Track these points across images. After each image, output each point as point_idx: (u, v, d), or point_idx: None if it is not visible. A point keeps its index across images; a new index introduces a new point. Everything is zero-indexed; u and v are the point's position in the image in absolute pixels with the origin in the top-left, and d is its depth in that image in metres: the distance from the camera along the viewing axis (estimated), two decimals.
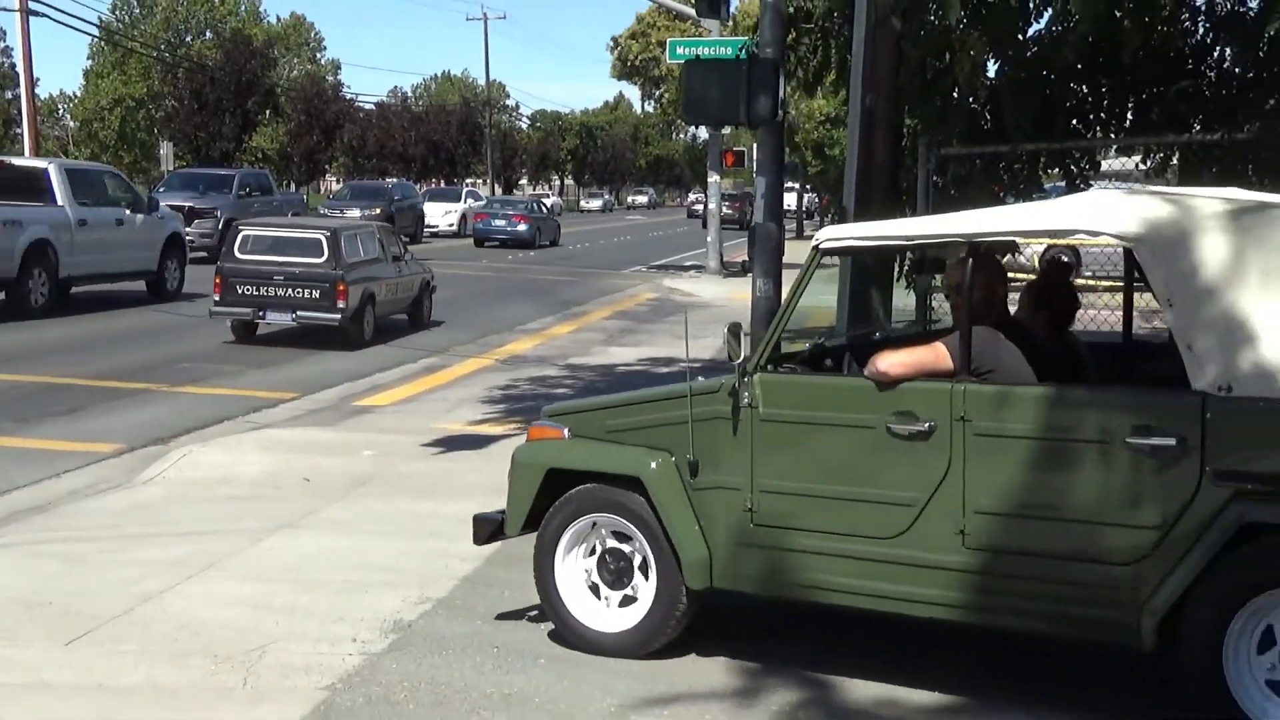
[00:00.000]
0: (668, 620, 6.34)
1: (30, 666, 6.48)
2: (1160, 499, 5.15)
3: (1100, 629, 5.32)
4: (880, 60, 11.10)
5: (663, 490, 6.21)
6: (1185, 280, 5.21)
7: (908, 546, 5.64)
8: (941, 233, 5.87)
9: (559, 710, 5.86)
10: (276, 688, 6.18)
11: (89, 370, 16.37)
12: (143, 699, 6.07)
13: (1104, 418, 5.26)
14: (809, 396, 5.97)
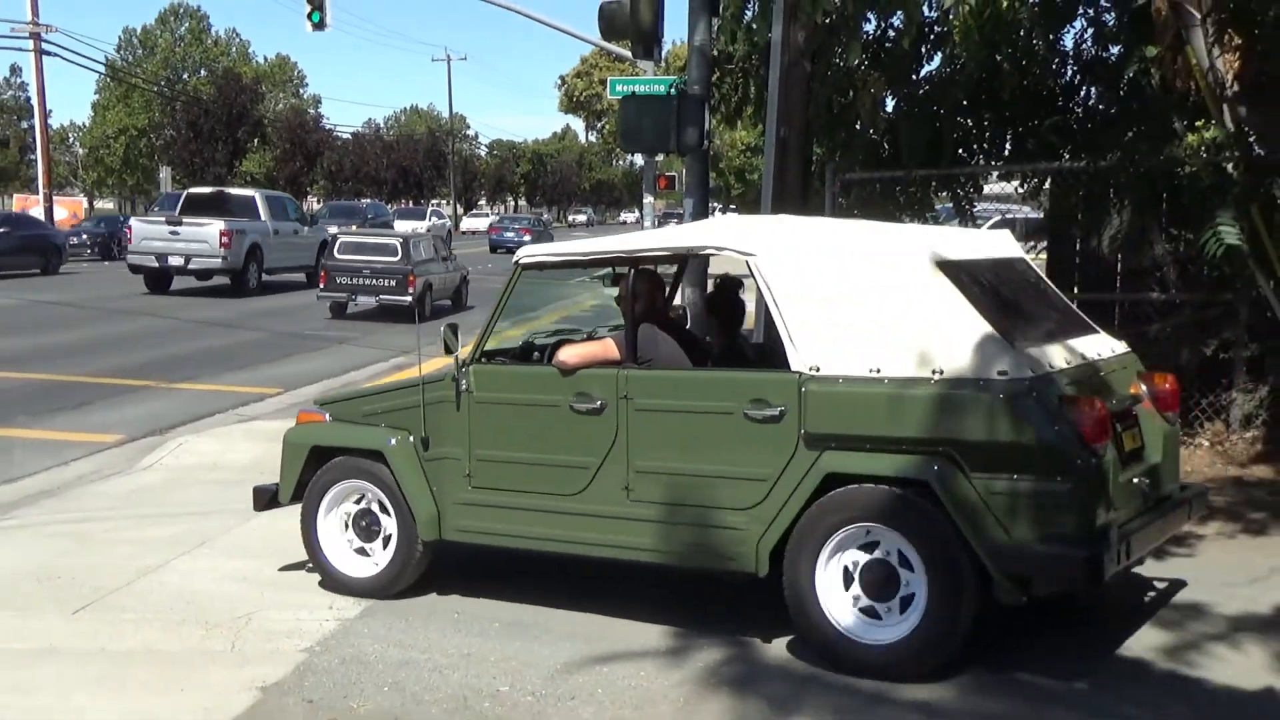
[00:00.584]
0: (406, 567, 6.80)
1: (40, 633, 6.38)
2: (771, 457, 5.74)
3: (730, 561, 5.87)
4: (792, 96, 11.12)
5: (400, 461, 6.72)
6: (787, 286, 5.84)
7: (587, 501, 6.21)
8: (610, 251, 6.57)
9: (511, 668, 5.81)
10: (261, 650, 6.11)
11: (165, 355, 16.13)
12: (141, 662, 5.97)
13: (729, 394, 5.87)
14: (512, 383, 6.54)
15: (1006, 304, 6.04)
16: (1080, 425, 5.31)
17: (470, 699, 5.46)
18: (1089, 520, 5.27)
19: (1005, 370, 5.35)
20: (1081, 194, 10.22)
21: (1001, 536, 5.32)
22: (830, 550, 5.66)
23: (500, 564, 7.06)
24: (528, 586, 6.87)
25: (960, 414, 5.37)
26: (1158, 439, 6.18)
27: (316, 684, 5.65)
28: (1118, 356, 6.33)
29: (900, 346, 5.57)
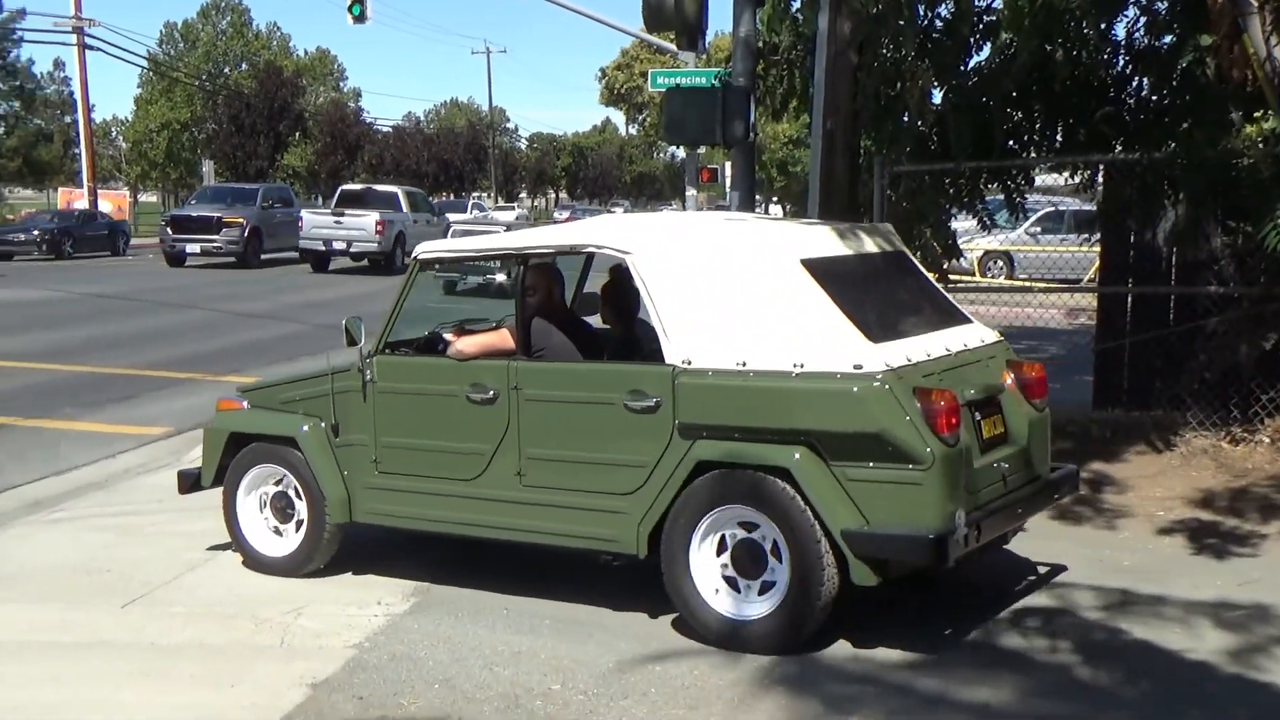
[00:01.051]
0: (317, 547, 7.11)
1: (90, 627, 6.39)
2: (648, 445, 6.05)
3: (613, 544, 6.19)
4: (839, 88, 11.00)
5: (311, 447, 7.05)
6: (661, 283, 6.15)
7: (483, 485, 6.53)
8: (502, 247, 7.04)
9: (563, 666, 5.77)
10: (310, 646, 6.09)
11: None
12: (190, 656, 5.97)
13: (610, 385, 6.18)
14: (412, 373, 6.83)
15: (872, 299, 6.40)
16: (930, 415, 5.61)
17: (522, 697, 5.42)
18: (937, 505, 5.58)
19: (860, 364, 5.68)
20: (1136, 186, 10.05)
21: (856, 521, 5.65)
22: (702, 532, 5.98)
23: (550, 562, 7.01)
24: (578, 583, 6.81)
25: (818, 405, 5.71)
26: (1023, 425, 6.44)
27: (367, 680, 5.62)
28: (986, 346, 6.60)
29: (765, 340, 5.88)
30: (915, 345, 6.06)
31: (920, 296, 6.81)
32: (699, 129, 11.64)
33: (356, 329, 6.91)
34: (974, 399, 6.11)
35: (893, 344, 5.92)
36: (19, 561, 7.66)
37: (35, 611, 6.63)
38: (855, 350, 5.73)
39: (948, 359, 6.17)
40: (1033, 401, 6.59)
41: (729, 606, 5.96)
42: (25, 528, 8.61)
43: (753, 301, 5.99)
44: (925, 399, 5.65)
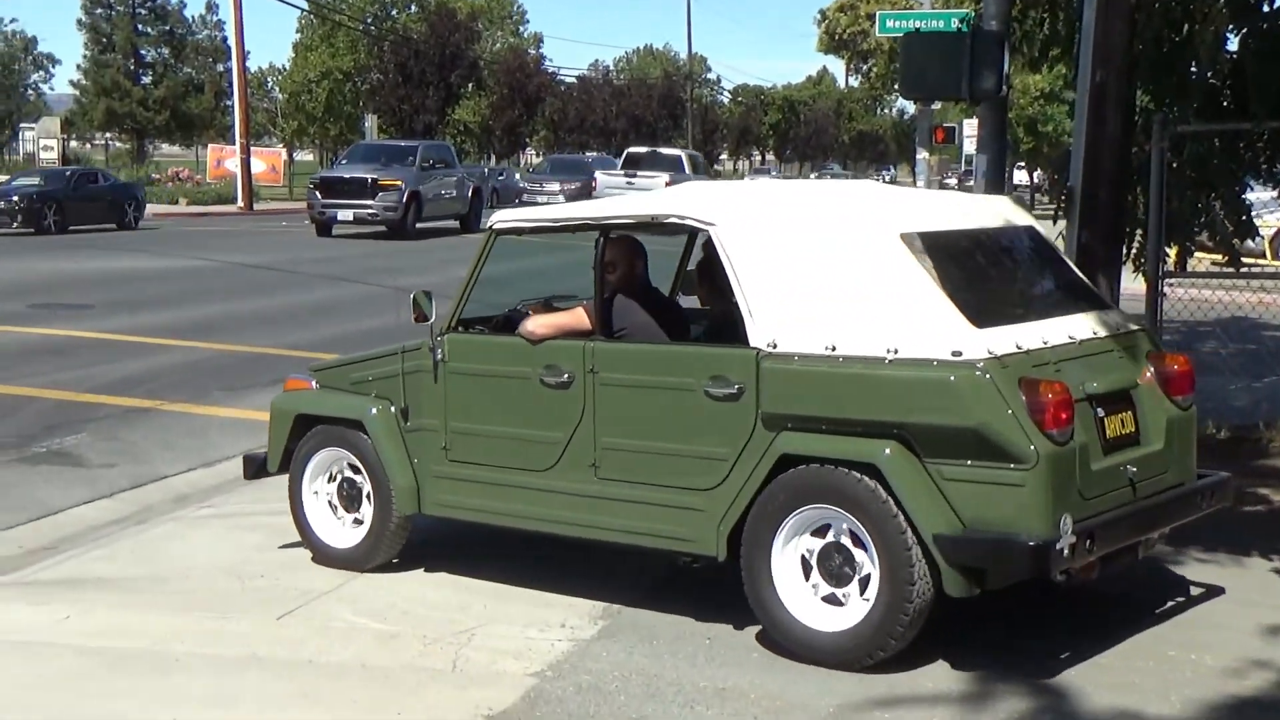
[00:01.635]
0: (381, 539, 7.49)
1: (242, 639, 6.59)
2: (729, 437, 6.25)
3: (690, 544, 6.42)
4: (1113, 33, 10.66)
5: (379, 431, 7.40)
6: (746, 257, 6.33)
7: (556, 477, 6.80)
8: (581, 217, 7.14)
9: (774, 707, 5.72)
10: (486, 671, 6.17)
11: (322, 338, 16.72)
12: (353, 677, 6.11)
13: (690, 369, 6.40)
14: (484, 353, 7.14)
15: (986, 279, 6.65)
16: (1036, 409, 5.71)
17: None
18: (1040, 509, 5.67)
19: (960, 350, 5.78)
20: None
21: (951, 524, 5.77)
22: (786, 534, 6.16)
23: None
24: None
25: (911, 395, 5.85)
26: (1160, 425, 6.52)
27: (549, 715, 5.67)
28: (1122, 335, 6.69)
29: (858, 323, 6.05)
30: (1030, 331, 6.16)
31: (1048, 277, 6.98)
32: (941, 81, 11.41)
33: (427, 303, 7.18)
34: (1096, 393, 6.19)
35: (1002, 329, 6.02)
36: (166, 563, 7.96)
37: (184, 620, 6.87)
38: (956, 335, 5.84)
39: (1069, 347, 6.26)
40: (1175, 399, 6.64)
41: (812, 616, 6.13)
42: (173, 524, 8.95)
43: (846, 280, 6.14)
44: (1032, 391, 5.75)
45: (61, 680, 6.09)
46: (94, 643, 6.55)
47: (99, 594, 7.33)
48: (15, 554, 8.42)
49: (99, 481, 10.07)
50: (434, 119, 67.13)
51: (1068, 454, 5.80)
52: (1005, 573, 5.84)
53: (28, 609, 7.07)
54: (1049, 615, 6.75)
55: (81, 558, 8.21)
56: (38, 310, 19.15)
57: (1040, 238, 7.09)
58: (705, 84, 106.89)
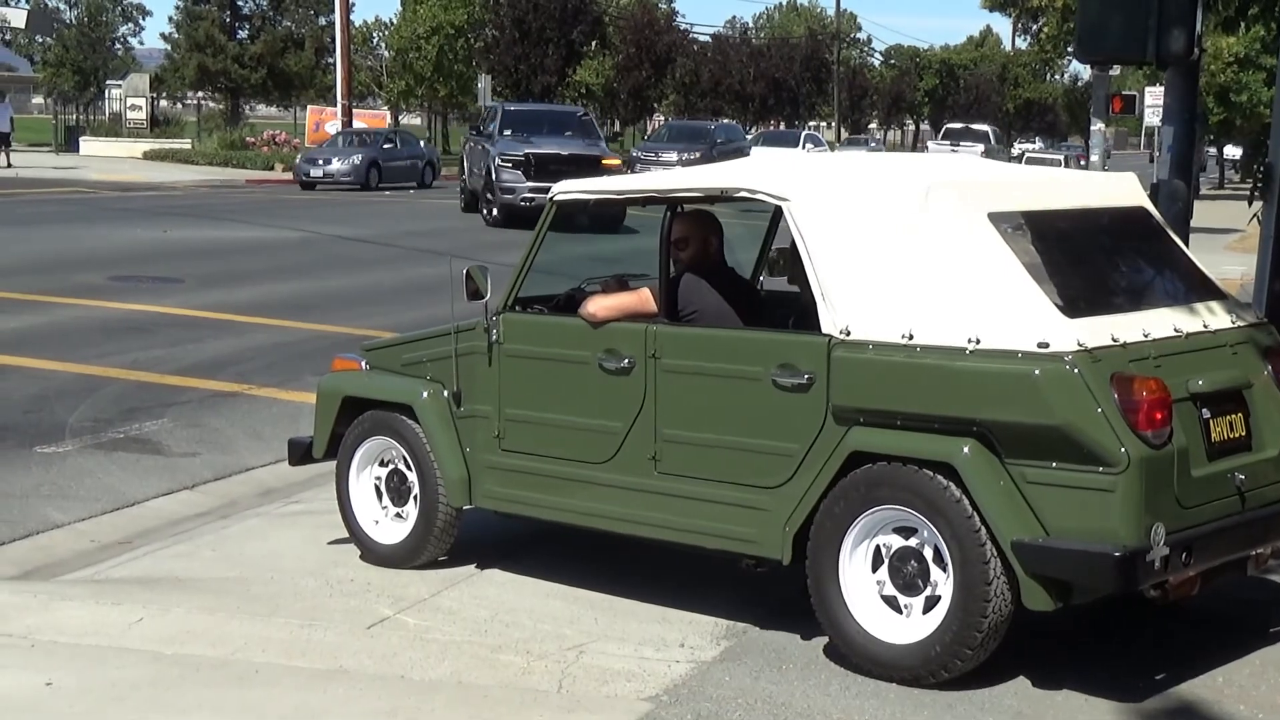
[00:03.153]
0: (429, 534, 7.65)
1: (329, 649, 6.64)
2: (798, 430, 6.35)
3: (756, 545, 6.52)
4: None
5: (430, 417, 7.55)
6: (822, 235, 6.39)
7: (614, 470, 6.94)
8: (646, 189, 7.40)
9: None
10: (594, 695, 6.16)
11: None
12: (447, 695, 6.12)
13: (757, 357, 6.50)
14: (541, 335, 7.28)
15: (1085, 264, 6.69)
16: (1129, 408, 5.74)
17: None
18: (1129, 516, 5.69)
19: (1047, 341, 5.82)
20: None
21: (1032, 531, 5.82)
22: (855, 537, 6.25)
23: None
24: None
25: (992, 390, 5.91)
26: (1276, 429, 6.49)
27: None
28: (1238, 329, 6.66)
29: (938, 309, 6.10)
30: (1130, 322, 6.20)
31: (1159, 264, 7.05)
32: (1123, 41, 11.12)
33: (482, 279, 7.29)
34: (1202, 392, 6.20)
35: (1097, 319, 6.07)
36: (249, 563, 8.05)
37: (267, 627, 6.93)
38: (1043, 325, 5.89)
39: (1174, 341, 6.29)
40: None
41: (881, 627, 6.22)
42: (257, 520, 9.06)
43: (928, 262, 6.20)
44: (1125, 388, 5.78)
45: (132, 689, 6.17)
46: (169, 649, 6.62)
47: (175, 595, 7.42)
48: (87, 548, 8.57)
49: (179, 471, 10.23)
50: (553, 80, 67.37)
51: (1164, 458, 5.82)
52: (1091, 585, 5.87)
53: (98, 609, 7.17)
54: (1226, 646, 6.60)
55: (158, 554, 8.33)
56: (121, 283, 19.51)
57: (1153, 220, 7.13)
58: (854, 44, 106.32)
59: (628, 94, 75.35)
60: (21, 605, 7.20)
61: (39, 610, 7.13)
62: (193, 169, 50.58)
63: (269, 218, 31.26)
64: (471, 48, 70.65)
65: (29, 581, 7.85)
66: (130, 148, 56.70)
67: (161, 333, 15.77)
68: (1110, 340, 5.98)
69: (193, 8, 74.42)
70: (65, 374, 13.26)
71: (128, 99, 62.86)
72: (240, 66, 72.80)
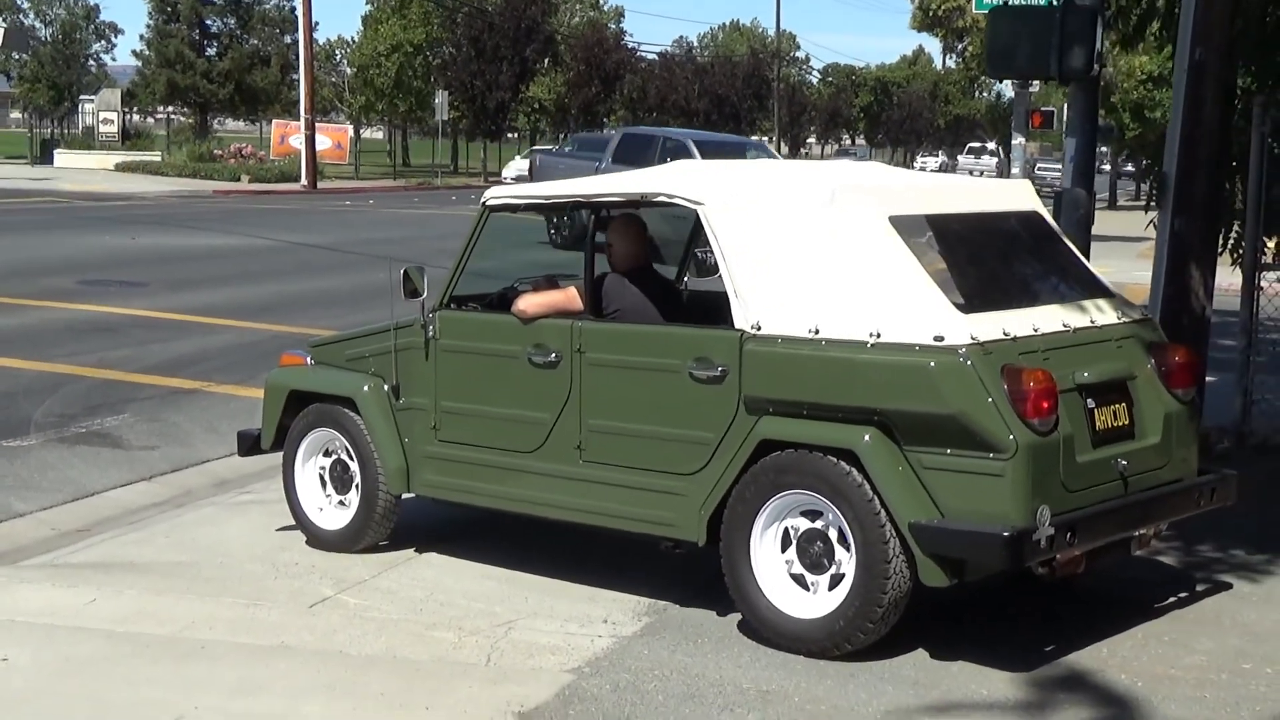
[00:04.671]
0: (370, 520, 7.71)
1: (272, 628, 6.68)
2: (712, 420, 6.46)
3: (674, 529, 6.64)
4: (1214, 9, 10.54)
5: (370, 409, 7.64)
6: (734, 237, 6.53)
7: (543, 458, 7.05)
8: (572, 194, 7.60)
9: (819, 712, 5.73)
10: (521, 667, 6.22)
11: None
12: (382, 669, 6.18)
13: (675, 351, 6.63)
14: (474, 331, 7.39)
15: (980, 264, 6.92)
16: (1017, 398, 5.86)
17: None
18: (1017, 499, 5.83)
19: (942, 335, 5.94)
20: None
21: (928, 513, 5.95)
22: (765, 520, 6.37)
23: None
24: None
25: (891, 381, 6.03)
26: (1158, 418, 6.63)
27: (583, 713, 5.71)
28: (1123, 324, 6.79)
29: (843, 306, 6.23)
30: (1021, 318, 6.31)
31: (1051, 264, 7.16)
32: (1029, 59, 11.29)
33: (419, 278, 7.41)
34: (1088, 383, 6.34)
35: (990, 315, 6.19)
36: (201, 548, 8.07)
37: (214, 606, 6.97)
38: (939, 320, 6.00)
39: (1062, 335, 6.41)
40: (1175, 391, 6.76)
41: (789, 603, 6.33)
42: (211, 509, 9.08)
43: (833, 262, 6.33)
44: (1014, 379, 5.90)
45: (85, 665, 6.20)
46: (121, 628, 6.66)
47: (129, 578, 7.45)
48: (48, 536, 8.57)
49: (138, 464, 10.23)
50: (507, 96, 67.30)
51: (1050, 444, 5.95)
52: (982, 563, 6.02)
53: (55, 591, 7.20)
54: (1111, 620, 6.71)
55: (115, 541, 8.35)
56: (89, 286, 19.40)
57: (1046, 224, 7.24)
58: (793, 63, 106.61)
59: (578, 109, 75.27)
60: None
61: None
62: (162, 180, 50.28)
63: (233, 225, 31.13)
64: (430, 65, 70.43)
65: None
66: (102, 160, 56.28)
67: (126, 333, 15.72)
68: (1001, 334, 6.10)
69: (163, 26, 73.86)
70: (32, 372, 13.22)
71: (100, 113, 62.41)
72: (209, 82, 72.36)
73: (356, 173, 62.08)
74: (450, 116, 64.38)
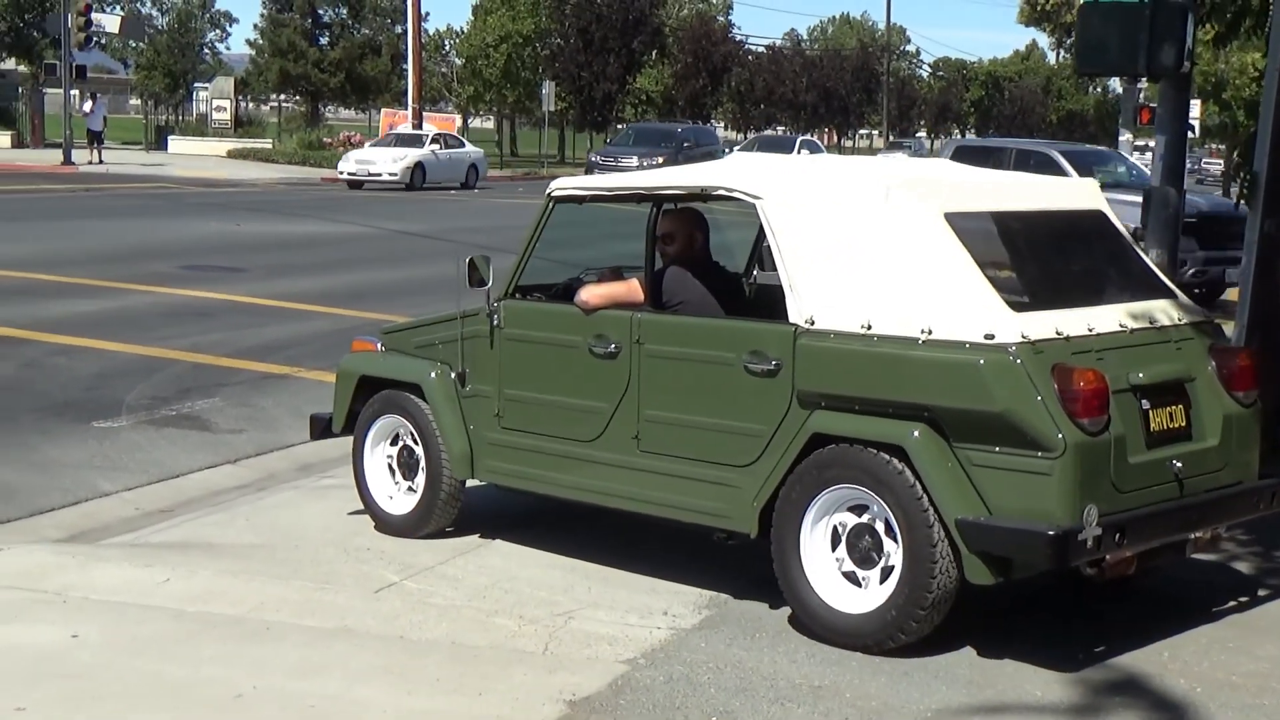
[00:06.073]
0: (433, 506, 7.86)
1: (336, 610, 6.80)
2: (766, 413, 6.52)
3: (725, 519, 6.74)
4: None
5: (436, 395, 7.78)
6: (791, 231, 6.60)
7: (601, 448, 7.15)
8: (633, 187, 7.64)
9: (869, 709, 5.73)
10: (577, 656, 6.28)
11: None
12: (440, 654, 6.26)
13: (731, 344, 6.69)
14: (538, 321, 7.51)
15: (1037, 263, 6.98)
16: (1067, 397, 5.86)
17: None
18: (1064, 498, 5.83)
19: (992, 333, 5.97)
20: None
21: (975, 510, 5.96)
22: (815, 513, 6.42)
23: None
24: None
25: (940, 378, 6.06)
26: (1217, 420, 6.57)
27: (634, 703, 5.75)
28: (1182, 325, 6.75)
29: (897, 303, 6.26)
30: (1076, 317, 6.31)
31: (1112, 264, 7.17)
32: (1118, 54, 11.15)
33: (485, 267, 7.56)
34: (1143, 384, 6.31)
35: (1044, 314, 6.21)
36: (278, 530, 8.22)
37: (283, 588, 7.10)
38: (991, 318, 6.04)
39: (1118, 336, 6.41)
40: (1235, 394, 6.71)
41: (836, 597, 6.38)
42: (292, 493, 9.23)
43: (888, 258, 6.36)
44: (1064, 378, 5.90)
45: (151, 643, 6.34)
46: (190, 607, 6.80)
47: (204, 559, 7.60)
48: (131, 515, 8.77)
49: (224, 447, 10.42)
50: (614, 87, 67.51)
51: (1100, 445, 5.95)
52: (1027, 562, 6.03)
53: (130, 570, 7.36)
54: (1175, 623, 6.65)
55: (195, 522, 8.52)
56: (190, 271, 19.76)
57: (1109, 223, 7.18)
58: (903, 56, 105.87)
59: (685, 101, 75.32)
60: (60, 565, 7.40)
61: (75, 570, 7.33)
62: (272, 167, 51.00)
63: (336, 213, 31.54)
64: (538, 56, 70.86)
65: (72, 544, 8.06)
66: (215, 146, 57.23)
67: (222, 318, 16.00)
68: (1054, 333, 6.10)
69: (277, 16, 74.87)
70: (128, 355, 13.50)
71: (213, 101, 63.50)
72: (320, 71, 73.21)
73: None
74: (557, 107, 64.62)
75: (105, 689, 5.84)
